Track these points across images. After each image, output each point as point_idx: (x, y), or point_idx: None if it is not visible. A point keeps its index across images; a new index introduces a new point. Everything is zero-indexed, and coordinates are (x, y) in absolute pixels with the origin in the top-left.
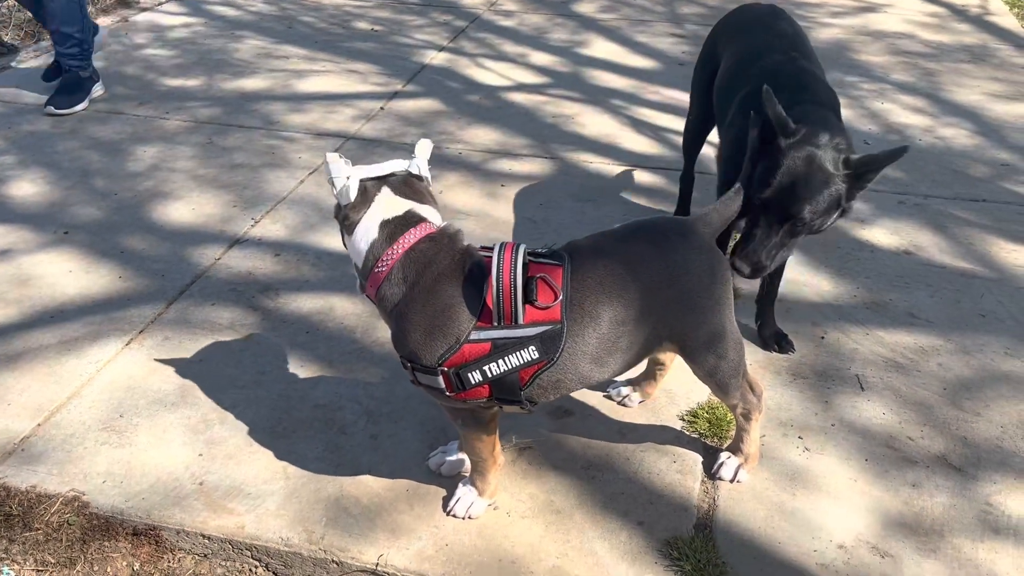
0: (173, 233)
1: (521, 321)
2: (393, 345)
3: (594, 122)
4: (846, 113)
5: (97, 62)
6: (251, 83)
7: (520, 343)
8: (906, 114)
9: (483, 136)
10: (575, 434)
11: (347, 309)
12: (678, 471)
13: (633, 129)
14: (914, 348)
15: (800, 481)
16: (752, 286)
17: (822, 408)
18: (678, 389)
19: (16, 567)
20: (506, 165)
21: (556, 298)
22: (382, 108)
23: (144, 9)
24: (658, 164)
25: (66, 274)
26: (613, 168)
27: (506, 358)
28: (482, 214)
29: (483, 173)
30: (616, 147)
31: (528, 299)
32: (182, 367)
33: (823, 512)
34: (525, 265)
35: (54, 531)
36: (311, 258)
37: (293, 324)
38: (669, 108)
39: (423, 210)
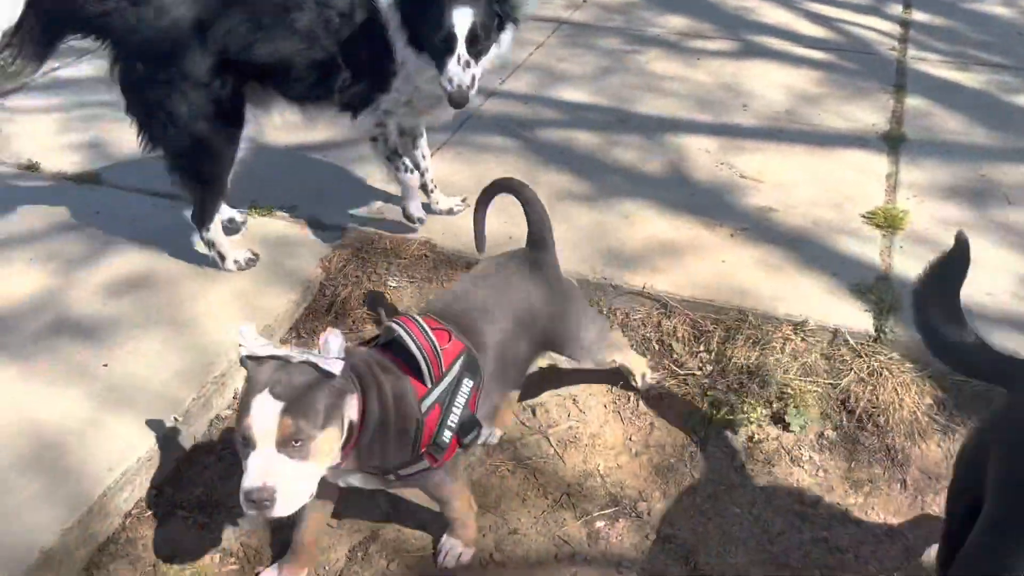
0: None
1: (444, 369)
2: (369, 470)
3: None
4: None
5: None
6: None
7: (456, 383)
8: None
9: None
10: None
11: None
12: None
13: None
14: None
15: None
16: None
17: None
18: (856, 193)
19: (394, 279)
20: None
21: (450, 336)
22: None
23: None
24: None
25: None
26: None
27: (455, 403)
28: None
29: None
30: None
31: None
32: None
33: None
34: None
35: (416, 259)
36: None
37: None
38: None
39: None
